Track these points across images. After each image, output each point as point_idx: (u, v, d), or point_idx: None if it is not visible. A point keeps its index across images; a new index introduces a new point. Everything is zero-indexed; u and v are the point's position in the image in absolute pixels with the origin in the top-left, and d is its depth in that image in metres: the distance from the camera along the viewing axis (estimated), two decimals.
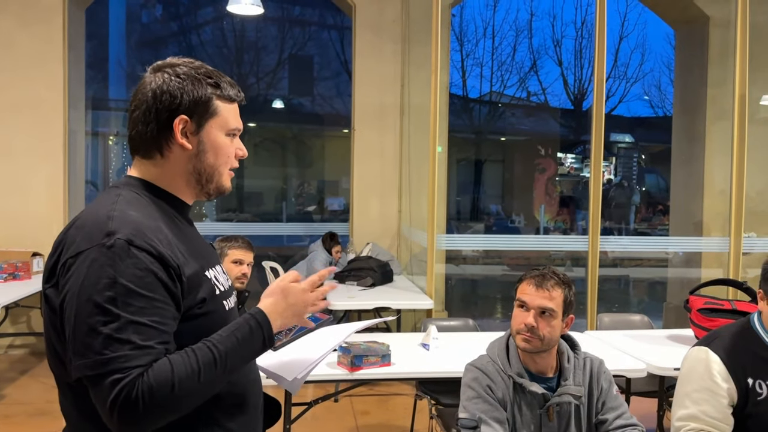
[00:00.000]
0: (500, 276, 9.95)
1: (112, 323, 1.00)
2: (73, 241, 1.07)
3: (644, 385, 3.24)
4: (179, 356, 1.06)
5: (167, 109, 1.15)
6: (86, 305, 1.01)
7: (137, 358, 1.00)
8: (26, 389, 4.50)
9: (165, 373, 1.02)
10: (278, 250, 8.13)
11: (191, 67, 1.19)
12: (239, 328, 1.14)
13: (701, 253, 5.99)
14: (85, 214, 1.12)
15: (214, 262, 1.25)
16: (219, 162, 1.21)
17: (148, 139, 1.17)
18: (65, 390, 1.13)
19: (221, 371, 1.09)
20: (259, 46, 12.73)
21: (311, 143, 13.01)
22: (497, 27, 17.46)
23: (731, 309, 3.05)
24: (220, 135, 1.20)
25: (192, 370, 1.05)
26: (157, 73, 1.17)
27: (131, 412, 0.99)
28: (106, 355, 0.99)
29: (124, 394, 0.98)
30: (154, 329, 1.04)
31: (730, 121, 4.85)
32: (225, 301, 1.21)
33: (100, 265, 1.02)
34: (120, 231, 1.05)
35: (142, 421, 1.01)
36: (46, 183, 5.45)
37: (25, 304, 4.93)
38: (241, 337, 1.13)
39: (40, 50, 5.40)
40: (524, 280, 1.85)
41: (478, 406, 1.79)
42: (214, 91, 1.19)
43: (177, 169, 1.19)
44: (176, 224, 1.18)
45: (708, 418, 1.83)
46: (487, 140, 15.88)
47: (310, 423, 3.83)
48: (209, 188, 1.23)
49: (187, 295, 1.10)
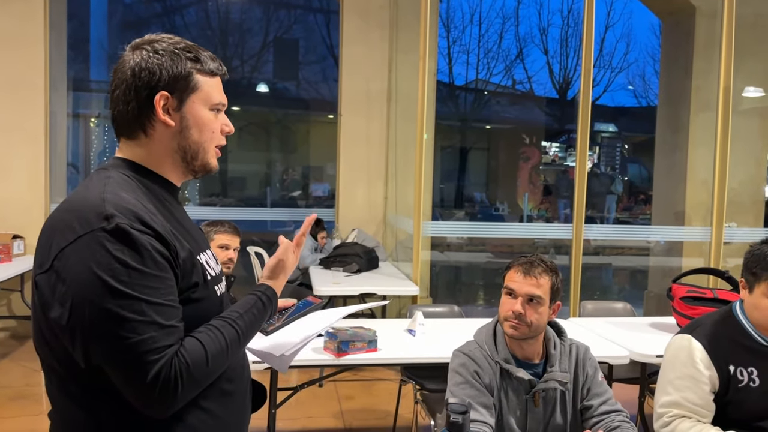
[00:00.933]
0: (484, 263, 10.02)
1: (132, 307, 1.00)
2: (67, 225, 1.04)
3: (626, 371, 3.29)
4: (206, 335, 1.09)
5: (147, 86, 1.13)
6: (102, 292, 0.99)
7: (164, 338, 1.02)
8: (6, 373, 4.46)
9: (198, 350, 1.06)
10: (262, 235, 8.09)
11: (170, 42, 1.17)
12: (255, 303, 1.23)
13: (682, 243, 6.06)
14: (76, 197, 1.09)
15: (205, 246, 1.23)
16: (204, 138, 1.19)
17: (130, 118, 1.15)
18: (51, 375, 1.12)
19: (242, 344, 1.17)
20: (244, 28, 12.56)
21: (296, 128, 12.92)
22: (484, 14, 17.46)
23: (713, 297, 3.10)
24: (203, 110, 1.18)
25: (221, 346, 1.10)
26: (135, 51, 1.15)
27: (172, 390, 1.01)
28: (132, 338, 0.99)
29: (164, 374, 1.00)
30: (173, 308, 1.05)
31: (714, 112, 4.90)
32: (216, 286, 1.19)
33: (106, 250, 1.00)
34: (117, 214, 1.03)
35: (179, 399, 1.03)
36: (27, 165, 5.36)
37: (5, 287, 4.86)
38: (257, 313, 1.22)
39: (20, 29, 5.29)
40: (512, 267, 1.86)
41: (465, 392, 1.80)
42: (194, 65, 1.16)
43: (162, 148, 1.17)
44: (166, 206, 1.17)
45: (690, 404, 1.86)
46: (472, 128, 15.89)
47: (294, 407, 3.84)
48: (195, 165, 1.20)
49: (181, 278, 1.09)
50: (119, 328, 0.99)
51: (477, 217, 12.97)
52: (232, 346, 1.12)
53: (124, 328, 0.99)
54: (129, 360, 0.99)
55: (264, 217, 8.07)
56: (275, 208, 9.56)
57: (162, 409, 1.03)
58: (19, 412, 3.74)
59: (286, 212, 8.48)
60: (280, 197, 11.41)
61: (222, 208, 7.66)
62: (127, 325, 0.99)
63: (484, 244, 9.90)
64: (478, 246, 10.10)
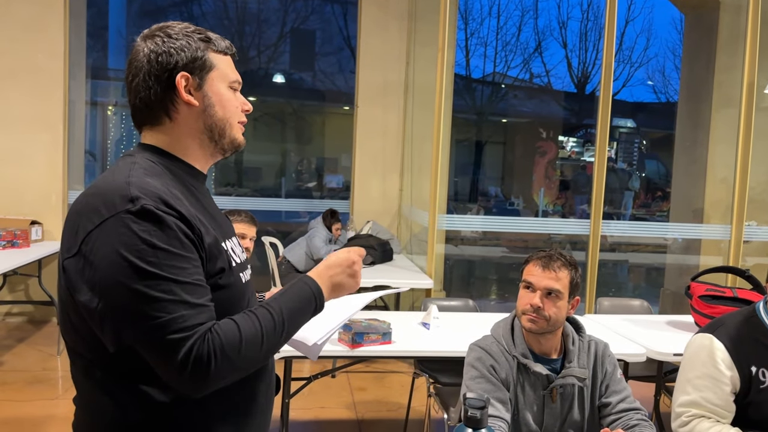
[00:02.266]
0: (499, 258, 9.97)
1: (161, 286, 1.00)
2: (93, 209, 1.04)
3: (641, 369, 3.26)
4: (242, 318, 1.08)
5: (166, 69, 1.13)
6: (130, 272, 0.99)
7: (195, 316, 1.01)
8: (24, 357, 4.51)
9: (233, 331, 1.04)
10: (276, 225, 8.11)
11: (180, 27, 1.18)
12: (298, 294, 1.17)
13: (700, 240, 5.99)
14: (101, 182, 1.09)
15: (230, 233, 1.23)
16: (228, 114, 1.19)
17: (153, 103, 1.15)
18: (77, 360, 1.12)
19: (279, 336, 1.12)
20: (261, 18, 12.55)
21: (311, 119, 12.91)
22: (503, 6, 17.30)
23: (733, 296, 3.05)
24: (223, 87, 1.19)
25: (257, 332, 1.07)
26: (148, 40, 1.16)
27: (204, 368, 1.00)
28: (162, 317, 0.99)
29: (196, 351, 0.99)
30: (201, 287, 1.05)
31: (736, 109, 4.81)
32: (242, 273, 1.19)
33: (132, 231, 1.00)
34: (143, 196, 1.03)
35: (213, 378, 1.02)
36: (46, 152, 5.41)
37: (23, 272, 4.92)
38: (300, 306, 1.16)
39: (40, 17, 5.32)
40: (531, 261, 1.84)
41: (481, 386, 1.78)
42: (207, 45, 1.18)
43: (188, 130, 1.17)
44: (192, 192, 1.16)
45: (709, 404, 1.83)
46: (489, 121, 15.79)
47: (307, 398, 3.85)
48: (223, 143, 1.21)
49: (207, 262, 1.09)
50: (149, 308, 0.99)
51: (492, 212, 12.90)
52: (268, 334, 1.09)
53: (153, 307, 0.99)
54: (160, 339, 0.99)
55: (279, 207, 8.08)
56: (290, 199, 9.58)
57: (195, 387, 1.02)
58: (36, 396, 3.78)
59: (300, 203, 8.49)
60: (294, 188, 11.42)
61: (237, 198, 7.67)
62: (156, 304, 0.99)
63: (498, 239, 9.85)
64: (492, 240, 10.05)
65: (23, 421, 3.48)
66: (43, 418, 3.52)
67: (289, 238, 6.68)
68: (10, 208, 5.25)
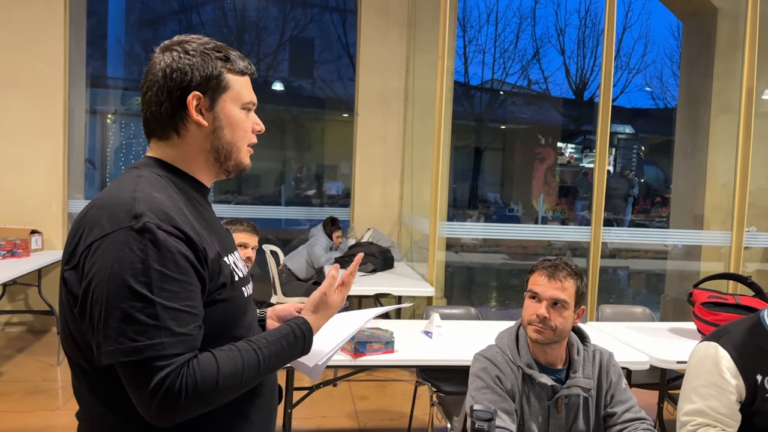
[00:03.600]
0: (499, 264, 9.96)
1: (147, 309, 0.98)
2: (96, 222, 1.04)
3: (644, 377, 3.25)
4: (224, 353, 1.06)
5: (179, 86, 1.13)
6: (119, 290, 0.98)
7: (174, 345, 0.99)
8: (23, 367, 4.49)
9: (210, 367, 1.03)
10: (277, 233, 8.09)
11: (199, 43, 1.17)
12: (286, 335, 1.17)
13: (701, 247, 5.99)
14: (107, 195, 1.09)
15: (232, 247, 1.22)
16: (237, 137, 1.19)
17: (163, 119, 1.15)
18: (79, 374, 1.11)
19: (261, 373, 1.11)
20: (260, 26, 12.59)
21: (310, 127, 12.93)
22: (501, 13, 17.36)
23: (735, 303, 3.05)
24: (235, 109, 1.18)
25: (236, 368, 1.06)
26: (165, 52, 1.15)
27: (173, 401, 0.98)
28: (141, 342, 0.97)
29: (168, 383, 0.98)
30: (189, 314, 1.02)
31: (735, 115, 4.82)
32: (244, 287, 1.19)
33: (130, 248, 0.99)
34: (147, 213, 1.02)
35: (180, 412, 1.00)
36: (46, 161, 5.40)
37: (23, 282, 4.90)
38: (287, 345, 1.16)
39: (40, 26, 5.32)
40: (536, 270, 1.83)
41: (486, 397, 1.78)
42: (224, 64, 1.17)
43: (195, 149, 1.17)
44: (196, 207, 1.16)
45: (715, 413, 1.82)
46: (487, 128, 15.81)
47: (309, 407, 3.83)
48: (228, 165, 1.20)
49: (209, 280, 1.08)
50: (130, 330, 0.97)
51: (492, 218, 12.90)
52: (249, 372, 1.08)
53: (135, 330, 0.97)
54: (133, 364, 0.98)
55: (278, 215, 8.07)
56: (290, 207, 9.57)
57: (161, 419, 1.00)
58: (36, 407, 3.76)
59: (300, 211, 8.48)
60: (294, 195, 11.42)
61: (236, 206, 7.66)
62: (138, 327, 0.97)
63: (498, 245, 9.84)
64: (492, 247, 10.04)
65: None
66: (43, 429, 3.50)
67: (289, 246, 6.67)
68: (10, 217, 5.24)
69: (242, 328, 1.16)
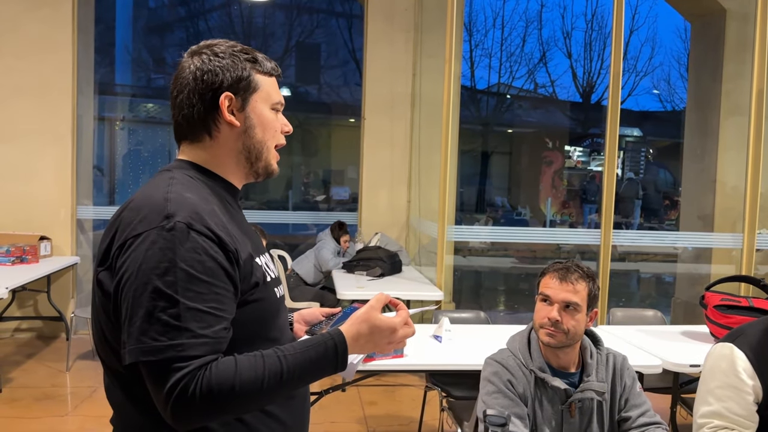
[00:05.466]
0: (508, 268, 9.92)
1: (170, 309, 0.98)
2: (129, 223, 1.05)
3: (656, 381, 3.21)
4: (247, 359, 1.03)
5: (210, 88, 1.14)
6: (144, 289, 0.98)
7: (194, 347, 0.98)
8: (32, 373, 4.50)
9: (228, 372, 1.00)
10: (284, 238, 8.09)
11: (227, 45, 1.18)
12: (316, 346, 1.08)
13: (711, 249, 5.94)
14: (140, 197, 1.09)
15: (263, 249, 1.23)
16: (267, 137, 1.20)
17: (195, 121, 1.16)
18: (113, 378, 1.11)
19: (286, 384, 1.05)
20: (267, 32, 12.64)
21: (317, 132, 12.96)
22: (507, 17, 17.37)
23: (748, 306, 3.02)
24: (266, 109, 1.19)
25: (256, 375, 1.01)
26: (194, 57, 1.16)
27: (186, 404, 0.97)
28: (162, 342, 0.97)
29: (183, 385, 0.97)
30: (213, 316, 1.01)
31: (745, 117, 4.78)
32: (276, 288, 1.19)
33: (159, 248, 1.00)
34: (178, 214, 1.03)
35: (194, 417, 0.99)
36: (54, 167, 5.42)
37: (32, 288, 4.91)
38: (315, 357, 1.07)
39: (48, 34, 5.35)
40: (547, 273, 1.81)
41: (498, 401, 1.75)
42: (253, 66, 1.18)
43: (226, 150, 1.18)
44: (227, 209, 1.16)
45: (733, 415, 1.80)
46: (494, 132, 15.79)
47: (317, 412, 3.81)
48: (258, 167, 1.21)
49: (241, 280, 1.08)
50: (152, 330, 0.97)
51: (500, 222, 12.87)
52: (270, 380, 1.02)
53: (157, 330, 0.97)
54: (152, 363, 0.98)
55: (286, 220, 8.07)
56: (297, 211, 9.58)
57: (175, 421, 0.99)
58: (45, 413, 3.76)
59: (308, 215, 8.48)
60: (302, 200, 11.43)
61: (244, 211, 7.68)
62: (160, 327, 0.97)
63: (506, 249, 9.80)
64: (500, 251, 10.01)
65: None
66: None
67: (297, 250, 6.66)
68: (19, 223, 5.26)
69: (276, 329, 1.16)
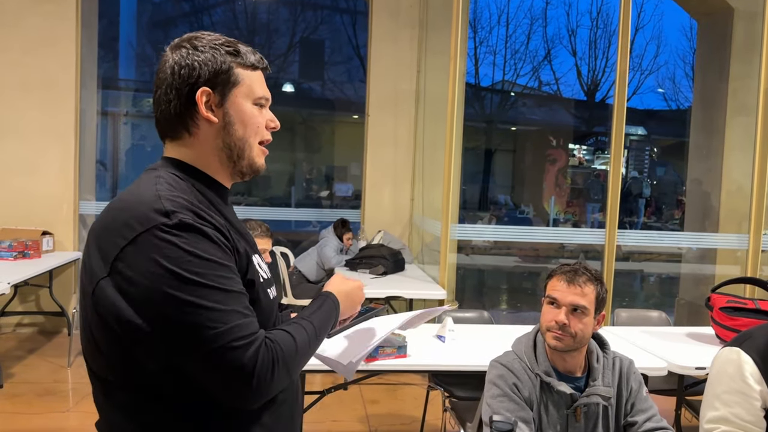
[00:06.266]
0: (511, 267, 9.90)
1: (213, 296, 0.97)
2: (124, 224, 0.99)
3: (660, 383, 3.19)
4: (291, 327, 1.09)
5: (187, 83, 1.10)
6: (179, 285, 0.95)
7: (249, 325, 1.00)
8: (34, 368, 4.49)
9: (289, 339, 1.05)
10: (287, 235, 8.08)
11: (209, 39, 1.14)
12: (325, 303, 1.23)
13: (716, 250, 5.90)
14: (127, 197, 1.06)
15: (256, 249, 1.20)
16: (248, 133, 1.15)
17: (173, 117, 1.11)
18: (99, 384, 1.08)
19: (318, 339, 1.16)
20: (271, 28, 12.61)
21: (320, 128, 12.93)
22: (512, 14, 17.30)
23: (755, 308, 2.99)
24: (247, 104, 1.14)
25: (305, 339, 1.09)
26: (175, 51, 1.12)
27: (269, 375, 0.99)
28: (219, 327, 0.96)
29: (261, 357, 0.98)
30: (246, 296, 1.04)
31: (752, 116, 4.74)
32: (269, 289, 1.17)
33: (174, 244, 0.97)
34: (176, 210, 1.00)
35: (275, 387, 1.02)
36: (57, 162, 5.41)
37: (34, 283, 4.91)
38: (328, 311, 1.21)
39: (52, 29, 5.33)
40: (555, 275, 1.79)
41: (503, 405, 1.73)
42: (234, 59, 1.13)
43: (207, 147, 1.14)
44: (217, 208, 1.13)
45: (739, 420, 1.77)
46: (498, 129, 15.75)
47: (319, 411, 3.79)
48: (242, 165, 1.17)
49: (241, 274, 1.07)
50: (204, 319, 0.96)
51: (504, 220, 12.84)
52: (311, 341, 1.12)
53: (210, 318, 0.96)
54: (220, 350, 0.95)
55: (288, 216, 8.06)
56: (300, 208, 9.56)
57: (259, 396, 1.00)
58: (46, 409, 3.75)
59: (311, 212, 8.47)
60: (304, 197, 11.42)
61: (246, 207, 7.66)
62: (212, 314, 0.96)
63: (509, 248, 9.78)
64: (503, 249, 9.98)
65: None
66: (54, 430, 3.49)
67: (299, 247, 6.65)
68: (22, 218, 5.25)
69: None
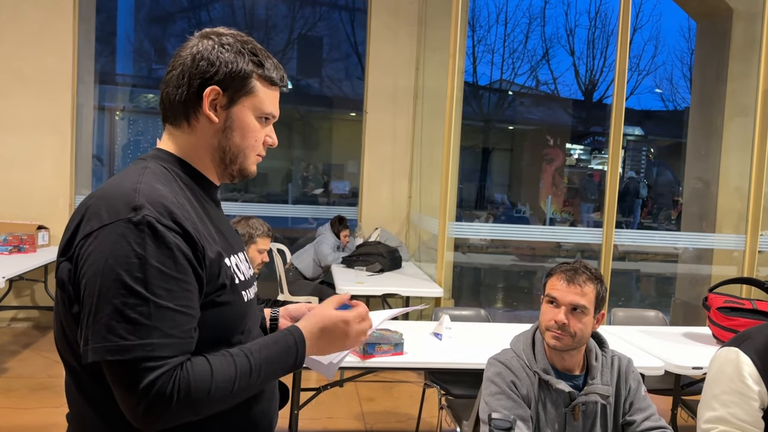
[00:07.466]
0: (507, 265, 9.90)
1: (140, 307, 0.93)
2: (95, 212, 0.99)
3: (656, 382, 3.19)
4: (218, 359, 1.00)
5: (201, 76, 1.09)
6: (112, 285, 0.93)
7: (165, 347, 0.94)
8: (28, 363, 4.47)
9: (205, 373, 0.97)
10: (283, 231, 8.05)
11: (239, 39, 1.12)
12: (278, 342, 1.08)
13: (713, 250, 5.91)
14: (109, 185, 1.04)
15: (238, 248, 1.17)
16: (245, 144, 1.14)
17: (175, 103, 1.11)
18: (68, 371, 1.06)
19: (253, 382, 1.04)
20: (269, 24, 12.58)
21: (318, 125, 12.92)
22: (510, 13, 17.29)
23: (752, 309, 2.99)
24: (251, 116, 1.13)
25: (230, 376, 1.00)
26: (203, 39, 1.11)
27: (162, 405, 0.93)
28: (130, 341, 0.92)
29: (159, 385, 0.93)
30: (184, 315, 0.97)
31: (750, 117, 4.75)
32: (245, 291, 1.13)
33: (127, 242, 0.95)
34: (147, 206, 0.98)
35: (168, 417, 0.95)
36: (53, 156, 5.38)
37: (29, 278, 4.89)
38: (278, 353, 1.07)
39: (48, 22, 5.30)
40: (554, 274, 1.78)
41: (501, 402, 1.72)
42: (256, 69, 1.11)
43: (202, 142, 1.13)
44: (202, 204, 1.12)
45: (738, 421, 1.77)
46: (495, 128, 15.76)
47: (315, 408, 3.78)
48: (232, 169, 1.15)
49: (207, 281, 1.03)
50: (120, 328, 0.92)
51: (500, 219, 12.85)
52: (242, 381, 1.01)
53: (126, 328, 0.92)
54: (122, 363, 0.93)
55: (285, 213, 8.03)
56: (297, 205, 9.53)
57: (147, 424, 0.95)
58: (40, 404, 3.74)
59: (307, 209, 8.45)
60: (301, 194, 11.40)
61: (243, 204, 7.63)
62: (129, 326, 0.93)
63: (506, 246, 9.78)
64: (500, 248, 9.99)
65: (27, 429, 3.43)
66: (48, 426, 3.47)
67: (296, 244, 6.63)
68: (17, 212, 5.23)
69: (241, 334, 1.11)
